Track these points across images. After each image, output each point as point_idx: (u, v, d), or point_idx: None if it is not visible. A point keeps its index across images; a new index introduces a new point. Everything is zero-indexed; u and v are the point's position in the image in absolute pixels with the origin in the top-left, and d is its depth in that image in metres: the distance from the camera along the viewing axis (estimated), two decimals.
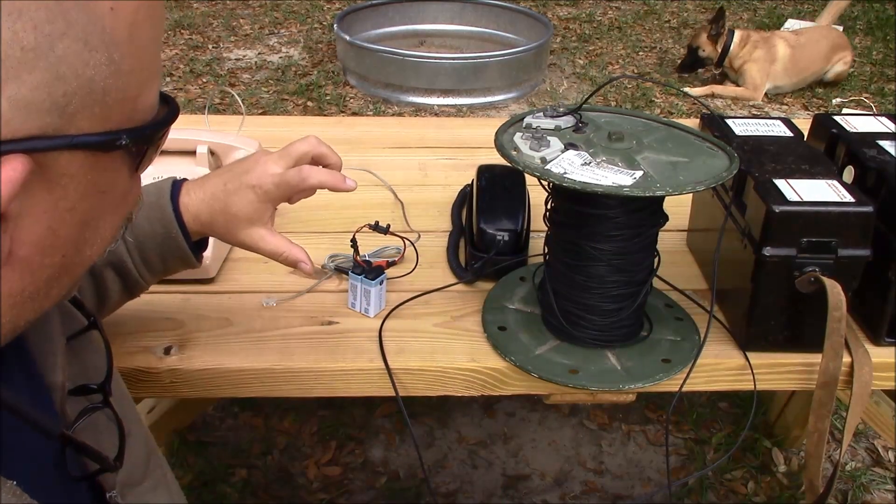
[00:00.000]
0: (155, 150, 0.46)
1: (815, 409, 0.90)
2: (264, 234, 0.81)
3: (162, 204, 0.78)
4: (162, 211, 0.78)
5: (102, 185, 0.42)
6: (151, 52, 0.42)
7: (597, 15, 5.01)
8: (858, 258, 0.85)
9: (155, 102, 0.44)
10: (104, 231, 0.45)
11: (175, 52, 4.10)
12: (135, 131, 0.42)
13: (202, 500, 1.61)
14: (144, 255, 0.79)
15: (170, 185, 0.79)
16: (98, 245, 0.45)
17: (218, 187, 0.79)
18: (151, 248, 0.79)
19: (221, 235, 0.81)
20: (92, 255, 0.45)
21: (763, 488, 1.68)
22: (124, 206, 0.46)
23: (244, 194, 0.79)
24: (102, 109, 0.39)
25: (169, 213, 0.77)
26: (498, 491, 1.65)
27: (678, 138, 0.88)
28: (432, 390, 0.89)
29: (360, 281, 0.94)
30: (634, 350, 0.89)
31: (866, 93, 3.90)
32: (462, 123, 1.62)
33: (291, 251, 0.82)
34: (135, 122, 0.42)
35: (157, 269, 0.81)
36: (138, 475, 0.59)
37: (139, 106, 0.42)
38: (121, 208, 0.45)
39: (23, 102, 0.35)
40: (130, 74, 0.40)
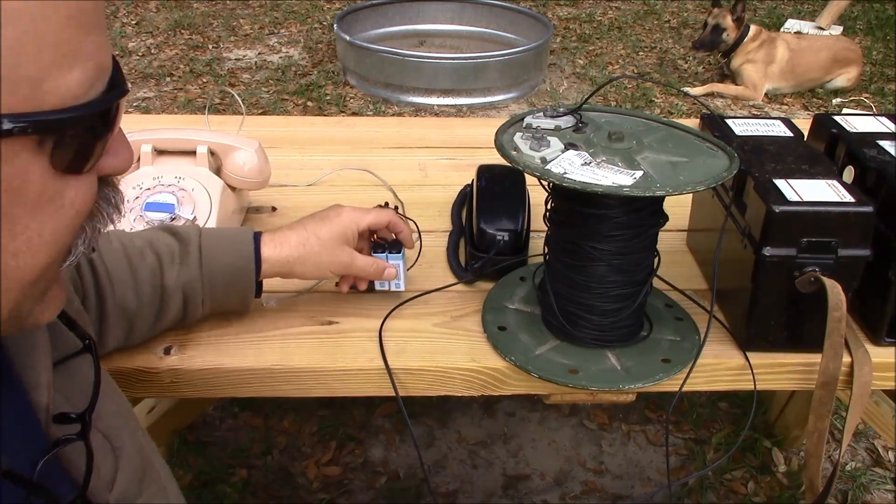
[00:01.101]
0: (89, 147, 0.41)
1: (815, 409, 0.90)
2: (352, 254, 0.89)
3: (245, 240, 0.84)
4: (244, 246, 0.84)
5: (4, 181, 0.37)
6: (58, 28, 0.37)
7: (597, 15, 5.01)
8: (858, 258, 0.85)
9: (81, 91, 0.39)
10: (31, 239, 0.40)
11: (175, 52, 4.10)
12: (29, 118, 0.36)
13: (202, 500, 1.61)
14: (213, 284, 0.84)
15: (253, 231, 0.86)
16: (27, 257, 0.40)
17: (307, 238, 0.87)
18: (222, 278, 0.84)
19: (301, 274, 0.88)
20: (22, 268, 0.40)
21: (763, 488, 1.68)
22: (57, 212, 0.41)
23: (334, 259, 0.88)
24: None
25: (250, 249, 0.84)
26: (498, 491, 1.65)
27: (678, 138, 0.88)
28: (432, 390, 0.89)
29: (386, 257, 0.95)
30: (634, 350, 0.89)
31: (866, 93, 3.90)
32: (462, 123, 1.62)
33: (376, 262, 0.90)
34: (37, 108, 0.37)
35: (218, 300, 0.86)
36: (133, 492, 0.58)
37: (46, 91, 0.37)
38: (52, 214, 0.40)
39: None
40: (18, 50, 0.35)
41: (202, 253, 0.83)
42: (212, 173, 1.06)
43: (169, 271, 0.82)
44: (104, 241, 0.80)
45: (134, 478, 0.58)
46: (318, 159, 1.33)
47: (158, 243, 0.83)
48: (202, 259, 0.83)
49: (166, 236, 0.84)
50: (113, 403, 0.60)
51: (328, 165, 1.30)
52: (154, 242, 0.83)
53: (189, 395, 0.90)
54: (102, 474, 0.55)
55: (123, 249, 0.81)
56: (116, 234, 0.83)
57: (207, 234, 0.85)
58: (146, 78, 3.77)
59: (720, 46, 3.84)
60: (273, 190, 1.20)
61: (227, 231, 0.87)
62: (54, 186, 0.40)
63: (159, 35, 4.34)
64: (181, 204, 1.01)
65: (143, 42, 4.23)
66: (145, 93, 3.63)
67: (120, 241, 0.81)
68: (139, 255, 0.81)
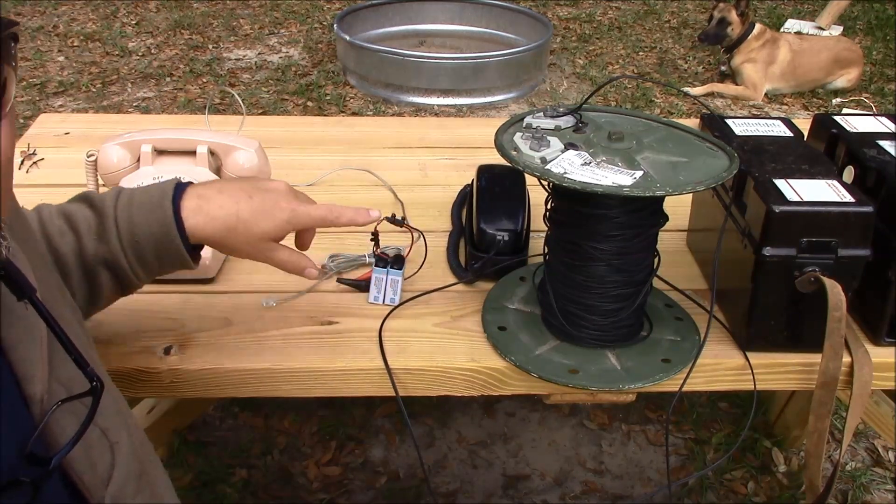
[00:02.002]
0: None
1: (815, 409, 0.90)
2: (275, 247, 0.80)
3: (164, 205, 0.75)
4: (163, 212, 0.75)
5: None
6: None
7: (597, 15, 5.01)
8: (858, 258, 0.85)
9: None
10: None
11: (175, 52, 4.10)
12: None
13: (202, 500, 1.61)
14: (140, 254, 0.77)
15: (173, 188, 0.77)
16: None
17: (237, 210, 0.77)
18: (148, 248, 0.76)
19: (229, 251, 0.81)
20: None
21: (763, 488, 1.68)
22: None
23: (275, 215, 0.78)
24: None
25: (169, 215, 0.75)
26: (498, 491, 1.65)
27: (678, 138, 0.88)
28: (432, 390, 0.89)
29: (386, 273, 0.96)
30: (634, 350, 0.89)
31: (866, 93, 3.90)
32: (462, 123, 1.62)
33: (299, 260, 0.82)
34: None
35: (153, 269, 0.79)
36: (130, 490, 0.58)
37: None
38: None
39: None
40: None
41: (118, 225, 0.76)
42: (212, 173, 1.06)
43: (87, 246, 0.77)
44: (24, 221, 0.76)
45: (131, 475, 0.58)
46: (318, 159, 1.33)
47: (76, 217, 0.77)
48: (119, 231, 0.76)
49: (84, 209, 0.78)
50: (113, 402, 0.60)
51: (328, 165, 1.30)
52: (72, 217, 0.77)
53: (189, 395, 0.90)
54: (99, 471, 0.55)
55: (43, 229, 0.77)
56: (38, 214, 0.78)
57: (124, 203, 0.78)
58: (146, 78, 3.77)
59: (724, 41, 3.83)
60: None
61: (146, 195, 0.78)
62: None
63: (159, 35, 4.34)
64: None
65: (143, 42, 4.23)
66: (145, 93, 3.63)
67: (40, 222, 0.77)
68: (59, 234, 0.77)
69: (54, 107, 3.43)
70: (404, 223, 1.01)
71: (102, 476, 0.55)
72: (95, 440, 0.55)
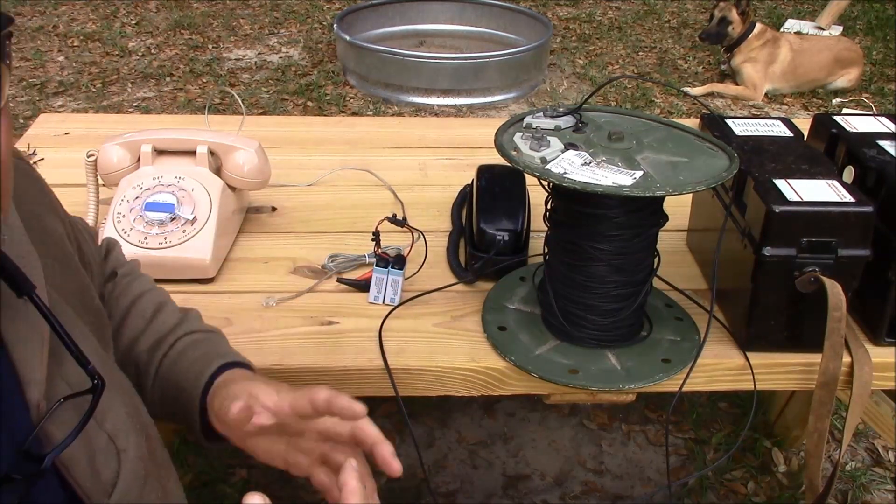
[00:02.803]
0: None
1: (815, 409, 0.90)
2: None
3: (205, 370, 0.71)
4: (201, 371, 0.72)
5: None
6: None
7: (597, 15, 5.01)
8: (858, 258, 0.85)
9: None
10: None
11: (175, 52, 4.10)
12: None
13: (202, 500, 1.61)
14: (164, 389, 0.74)
15: (225, 361, 0.72)
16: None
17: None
18: (172, 390, 0.73)
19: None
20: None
21: (763, 488, 1.68)
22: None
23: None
24: None
25: (204, 377, 0.71)
26: (498, 491, 1.65)
27: (678, 138, 0.88)
28: (432, 390, 0.89)
29: (387, 273, 0.95)
30: (634, 350, 0.89)
31: (866, 93, 3.90)
32: (462, 123, 1.62)
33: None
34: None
35: (167, 409, 0.74)
36: (133, 495, 0.57)
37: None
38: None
39: None
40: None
41: (171, 349, 0.75)
42: (212, 173, 1.06)
43: (140, 343, 0.75)
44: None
45: (137, 481, 0.57)
46: (318, 159, 1.33)
47: (162, 316, 0.77)
48: (166, 356, 0.75)
49: (174, 316, 0.78)
50: (123, 406, 0.59)
51: (328, 165, 1.30)
52: (160, 313, 0.77)
53: None
54: (104, 478, 0.54)
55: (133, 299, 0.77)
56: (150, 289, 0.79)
57: (192, 339, 0.76)
58: (146, 78, 3.77)
59: (725, 40, 3.83)
60: (273, 190, 1.20)
61: (211, 348, 0.75)
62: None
63: (159, 35, 4.34)
64: (181, 204, 1.01)
65: (143, 42, 4.23)
66: (145, 93, 3.62)
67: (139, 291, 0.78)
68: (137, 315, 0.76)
69: (54, 107, 3.43)
70: (405, 224, 1.01)
71: (106, 483, 0.54)
72: (102, 445, 0.54)
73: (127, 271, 0.81)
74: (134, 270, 0.82)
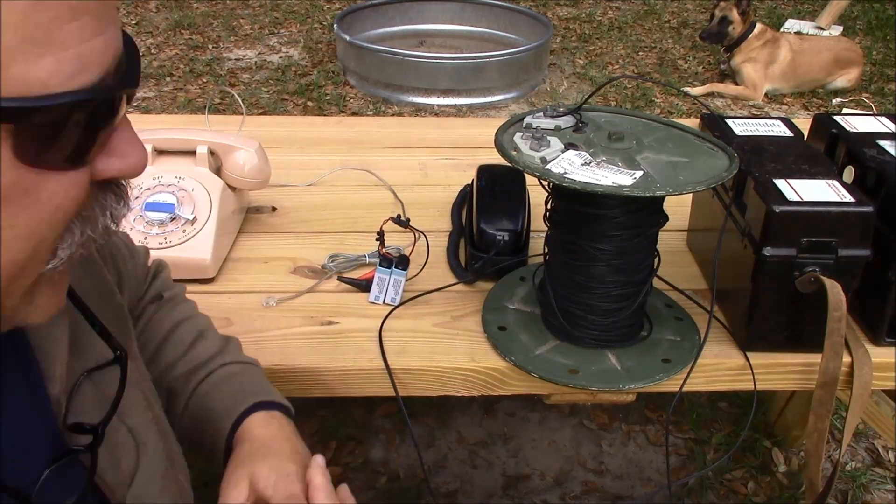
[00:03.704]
0: (62, 140, 0.38)
1: (815, 409, 0.90)
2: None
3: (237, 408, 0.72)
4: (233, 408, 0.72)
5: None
6: (32, 12, 0.35)
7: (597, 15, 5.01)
8: (858, 258, 0.85)
9: (55, 81, 0.37)
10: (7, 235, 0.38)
11: (175, 52, 4.10)
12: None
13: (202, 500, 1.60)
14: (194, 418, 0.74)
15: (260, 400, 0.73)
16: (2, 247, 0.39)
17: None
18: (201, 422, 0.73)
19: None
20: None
21: (763, 488, 1.68)
22: (31, 206, 0.39)
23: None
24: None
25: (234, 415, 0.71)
26: (498, 491, 1.65)
27: (678, 138, 0.88)
28: (432, 390, 0.89)
29: (389, 273, 0.95)
30: (634, 350, 0.89)
31: (866, 93, 3.90)
32: (462, 123, 1.62)
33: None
34: (8, 93, 0.35)
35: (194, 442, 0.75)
36: (153, 490, 0.58)
37: (11, 77, 0.35)
38: (24, 207, 0.39)
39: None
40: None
41: (206, 379, 0.75)
42: (212, 173, 1.06)
43: (175, 369, 0.76)
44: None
45: (155, 474, 0.58)
46: (318, 159, 1.33)
47: (203, 344, 0.77)
48: (199, 385, 0.75)
49: (214, 345, 0.78)
50: (144, 399, 0.60)
51: (328, 165, 1.30)
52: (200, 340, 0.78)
53: None
54: (123, 469, 0.55)
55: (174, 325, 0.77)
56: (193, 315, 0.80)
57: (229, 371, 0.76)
58: (146, 78, 3.77)
59: (725, 39, 3.83)
60: (273, 190, 1.20)
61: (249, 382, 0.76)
62: (27, 178, 0.38)
63: (159, 35, 4.34)
64: (181, 204, 1.01)
65: (143, 42, 4.23)
66: (145, 93, 3.63)
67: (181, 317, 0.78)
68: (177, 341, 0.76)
69: None
70: (409, 225, 1.01)
71: (125, 474, 0.55)
72: (122, 438, 0.55)
73: (172, 296, 0.81)
74: (178, 295, 0.83)
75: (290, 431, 0.72)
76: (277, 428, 0.71)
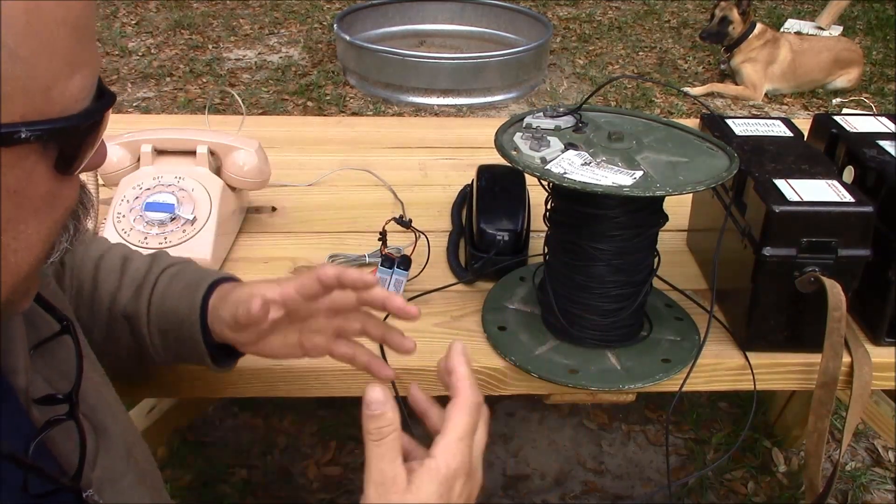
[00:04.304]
0: (88, 146, 0.43)
1: (814, 409, 0.90)
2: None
3: (196, 294, 0.72)
4: (193, 296, 0.72)
5: (12, 184, 0.39)
6: (64, 38, 0.38)
7: (597, 15, 5.01)
8: (858, 258, 0.85)
9: (81, 96, 0.40)
10: (30, 237, 0.41)
11: (175, 52, 4.10)
12: (42, 125, 0.38)
13: (202, 500, 1.61)
14: (163, 330, 0.74)
15: (213, 280, 0.73)
16: (24, 253, 0.42)
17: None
18: (170, 325, 0.73)
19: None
20: (19, 264, 0.42)
21: (763, 488, 1.68)
22: (53, 210, 0.42)
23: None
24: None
25: (197, 300, 0.72)
26: (498, 491, 1.65)
27: (678, 138, 0.88)
28: (432, 390, 0.89)
29: (391, 273, 0.95)
30: (634, 350, 0.89)
31: (866, 93, 3.90)
32: (462, 123, 1.62)
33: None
34: (46, 115, 0.38)
35: (171, 350, 0.75)
36: (119, 470, 0.58)
37: (53, 98, 0.38)
38: (48, 213, 0.42)
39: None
40: (34, 62, 0.37)
41: (154, 289, 0.75)
42: (212, 173, 1.06)
43: (121, 295, 0.75)
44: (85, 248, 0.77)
45: (119, 457, 0.58)
46: (318, 159, 1.33)
47: (130, 265, 0.77)
48: (151, 296, 0.74)
49: (142, 262, 0.77)
50: (92, 383, 0.59)
51: (328, 165, 1.30)
52: (127, 262, 0.77)
53: (189, 395, 0.90)
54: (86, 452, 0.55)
55: (96, 261, 0.76)
56: (106, 245, 0.79)
57: (171, 272, 0.76)
58: (146, 78, 3.77)
59: (725, 39, 3.83)
60: (273, 190, 1.20)
61: (193, 273, 0.76)
62: (56, 187, 0.42)
63: (159, 35, 4.34)
64: (181, 204, 1.01)
65: (143, 42, 4.23)
66: (145, 93, 3.63)
67: (99, 252, 0.77)
68: (108, 270, 0.76)
69: None
70: (411, 225, 1.01)
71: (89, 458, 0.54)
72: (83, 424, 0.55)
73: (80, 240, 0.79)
74: (87, 239, 0.80)
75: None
76: (244, 282, 0.73)
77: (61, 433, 0.52)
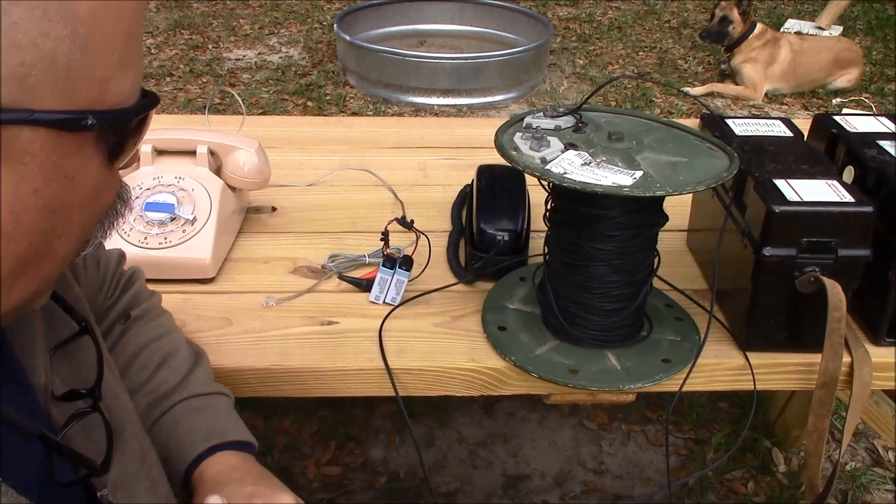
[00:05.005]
0: (132, 142, 0.44)
1: (814, 409, 0.90)
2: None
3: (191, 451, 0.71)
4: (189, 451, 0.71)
5: (69, 171, 0.40)
6: (121, 34, 0.40)
7: (597, 15, 5.01)
8: (858, 258, 0.85)
9: (131, 92, 0.42)
10: (75, 226, 0.42)
11: (175, 52, 4.10)
12: (104, 114, 0.40)
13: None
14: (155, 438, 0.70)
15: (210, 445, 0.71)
16: (69, 242, 0.43)
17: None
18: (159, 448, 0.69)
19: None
20: (63, 252, 0.43)
21: (763, 488, 1.68)
22: (98, 202, 0.44)
23: None
24: (67, 86, 0.37)
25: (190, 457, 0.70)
26: (498, 491, 1.65)
27: (678, 138, 0.88)
28: (432, 390, 0.89)
29: (393, 274, 0.95)
30: (634, 350, 0.89)
31: (866, 93, 3.90)
32: (462, 123, 1.62)
33: None
34: (105, 105, 0.40)
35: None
36: (133, 474, 0.58)
37: (111, 89, 0.40)
38: (93, 204, 0.43)
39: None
40: (98, 53, 0.38)
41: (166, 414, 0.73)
42: (212, 173, 1.06)
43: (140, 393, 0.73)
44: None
45: (133, 460, 0.58)
46: (318, 159, 1.33)
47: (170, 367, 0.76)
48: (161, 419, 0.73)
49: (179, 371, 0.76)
50: (109, 385, 0.60)
51: (328, 165, 1.30)
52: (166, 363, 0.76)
53: None
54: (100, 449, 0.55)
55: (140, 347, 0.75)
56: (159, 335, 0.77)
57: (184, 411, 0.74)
58: (146, 78, 3.77)
59: (726, 39, 3.83)
60: (273, 190, 1.20)
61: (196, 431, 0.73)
62: (102, 179, 0.43)
63: (159, 35, 4.34)
64: (181, 204, 1.01)
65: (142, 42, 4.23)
66: None
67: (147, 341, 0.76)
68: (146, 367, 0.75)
69: None
70: (412, 226, 1.01)
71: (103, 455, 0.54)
72: (96, 424, 0.55)
73: (140, 313, 0.78)
74: (150, 311, 0.79)
75: (244, 472, 0.70)
76: (232, 468, 0.70)
77: (80, 431, 0.52)
